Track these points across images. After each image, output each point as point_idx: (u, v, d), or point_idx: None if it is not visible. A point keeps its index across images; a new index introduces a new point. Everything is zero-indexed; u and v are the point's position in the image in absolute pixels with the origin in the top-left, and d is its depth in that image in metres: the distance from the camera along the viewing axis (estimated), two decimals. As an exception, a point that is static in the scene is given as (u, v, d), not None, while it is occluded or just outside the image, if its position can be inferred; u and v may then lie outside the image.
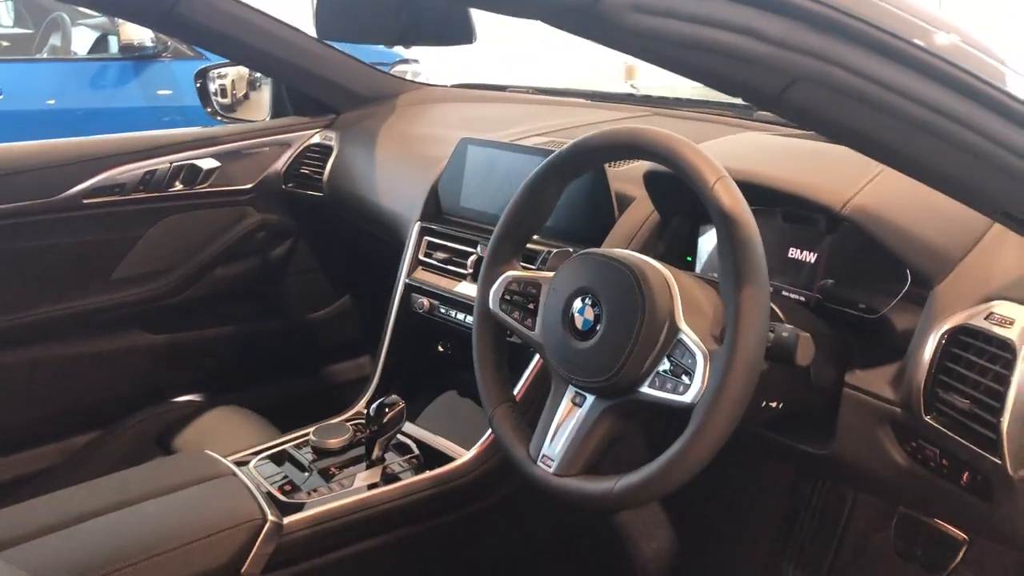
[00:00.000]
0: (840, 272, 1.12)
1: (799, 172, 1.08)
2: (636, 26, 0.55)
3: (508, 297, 1.07)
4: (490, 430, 1.31)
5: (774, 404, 1.02)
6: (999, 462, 0.87)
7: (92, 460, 1.75)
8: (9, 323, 1.74)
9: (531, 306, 1.05)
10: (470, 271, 1.46)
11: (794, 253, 1.16)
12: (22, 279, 1.75)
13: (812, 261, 1.14)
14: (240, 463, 1.30)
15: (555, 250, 1.11)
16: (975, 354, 0.91)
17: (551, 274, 1.05)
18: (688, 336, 0.88)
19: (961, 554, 1.34)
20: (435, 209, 1.59)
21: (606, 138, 0.97)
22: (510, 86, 2.14)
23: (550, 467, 0.98)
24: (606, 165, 1.34)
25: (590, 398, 0.97)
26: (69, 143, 1.82)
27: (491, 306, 1.09)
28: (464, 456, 1.32)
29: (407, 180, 1.73)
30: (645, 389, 0.91)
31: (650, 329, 0.90)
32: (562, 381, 1.00)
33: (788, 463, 1.39)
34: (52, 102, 3.93)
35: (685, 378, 0.87)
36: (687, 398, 0.86)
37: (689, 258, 1.29)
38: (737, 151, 1.26)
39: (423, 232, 1.58)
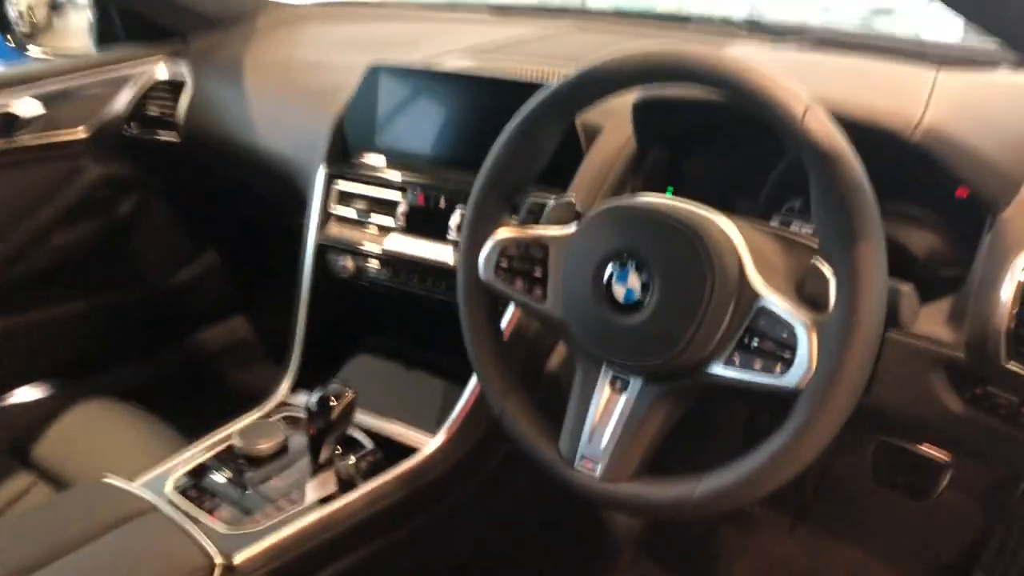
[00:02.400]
0: None
1: (857, 94, 0.92)
2: None
3: (505, 264, 0.87)
4: (458, 407, 1.12)
5: None
6: None
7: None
8: None
9: (538, 273, 0.86)
10: (401, 223, 1.24)
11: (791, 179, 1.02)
12: None
13: None
14: (154, 489, 1.04)
15: (556, 201, 0.91)
16: None
17: (561, 231, 0.85)
18: (775, 303, 0.72)
19: (948, 477, 1.30)
20: (342, 151, 1.34)
21: (642, 62, 0.77)
22: (386, 1, 1.87)
23: (595, 471, 0.80)
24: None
25: (635, 382, 0.80)
26: None
27: (484, 275, 0.88)
28: (430, 444, 1.12)
29: (296, 117, 1.45)
30: (718, 370, 0.74)
31: (721, 296, 0.73)
32: (593, 363, 0.82)
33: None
34: None
35: (782, 353, 0.71)
36: (789, 381, 0.70)
37: (670, 189, 1.13)
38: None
39: (332, 179, 1.32)
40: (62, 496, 1.06)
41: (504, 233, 0.88)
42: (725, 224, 0.76)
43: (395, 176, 1.26)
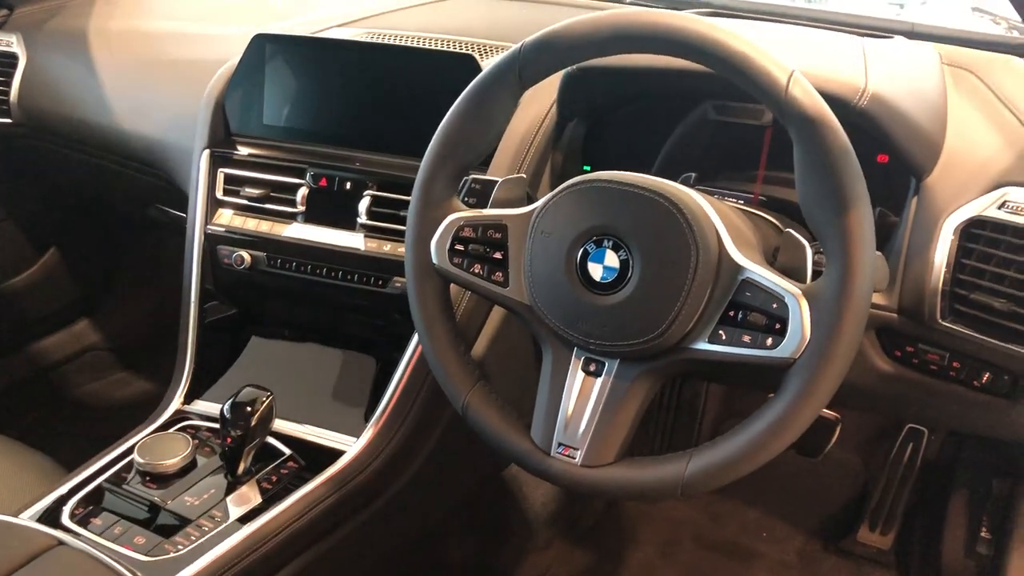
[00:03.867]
0: (786, 169, 1.00)
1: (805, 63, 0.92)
2: None
3: (462, 247, 0.82)
4: (383, 404, 1.05)
5: None
6: None
7: None
8: None
9: (498, 255, 0.81)
10: (301, 208, 1.14)
11: (732, 152, 1.02)
12: None
13: (753, 159, 1.02)
14: (49, 521, 0.91)
15: (502, 179, 0.86)
16: (990, 246, 0.85)
17: (519, 211, 0.81)
18: (761, 274, 0.71)
19: (836, 434, 1.36)
20: (226, 132, 1.22)
21: (619, 27, 0.73)
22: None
23: (575, 458, 0.77)
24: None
25: (611, 364, 0.77)
26: None
27: (436, 261, 0.82)
28: (356, 445, 1.04)
29: (164, 95, 1.32)
30: (702, 346, 0.72)
31: (704, 271, 0.71)
32: (563, 348, 0.78)
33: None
34: None
35: (772, 324, 0.70)
36: (783, 352, 0.69)
37: (587, 167, 1.11)
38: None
39: (216, 162, 1.20)
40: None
41: (457, 215, 0.82)
42: (699, 198, 0.74)
43: (291, 158, 1.16)
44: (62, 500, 0.96)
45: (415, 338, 1.04)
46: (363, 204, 1.10)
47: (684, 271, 0.71)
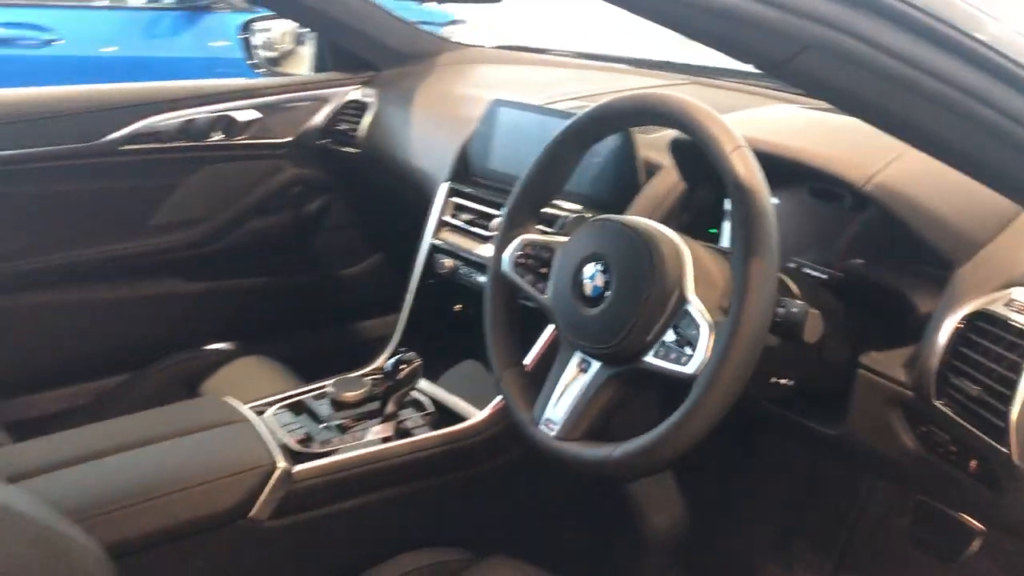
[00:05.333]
0: (866, 252, 1.09)
1: (826, 146, 1.06)
2: None
3: (522, 260, 1.07)
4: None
5: (784, 381, 1.01)
6: (1005, 451, 0.85)
7: (122, 401, 1.80)
8: (44, 264, 1.79)
9: (543, 270, 1.05)
10: (492, 233, 1.46)
11: (820, 230, 1.14)
12: (59, 222, 1.80)
13: (838, 239, 1.12)
14: (258, 411, 1.32)
15: (573, 215, 1.10)
16: (991, 340, 0.89)
17: (566, 239, 1.04)
18: (695, 307, 0.87)
19: (977, 544, 1.32)
20: (463, 170, 1.59)
21: (624, 103, 0.96)
22: (551, 49, 2.12)
23: (552, 431, 0.98)
24: (635, 131, 1.33)
25: (596, 364, 0.97)
26: (109, 89, 1.85)
27: (504, 268, 1.09)
28: (476, 416, 1.32)
29: (439, 140, 1.72)
30: (649, 358, 0.90)
31: (658, 298, 0.89)
32: (569, 346, 1.00)
33: (800, 443, 1.37)
34: (108, 49, 3.98)
35: (688, 349, 0.86)
36: (689, 369, 0.85)
37: (714, 230, 1.28)
38: (766, 123, 1.24)
39: (450, 193, 1.58)
40: (186, 403, 1.37)
41: (525, 236, 1.08)
42: (677, 241, 0.92)
43: (496, 194, 1.49)
44: (278, 401, 1.37)
45: (541, 338, 1.30)
46: None
47: (641, 294, 0.90)
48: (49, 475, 1.09)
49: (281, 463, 1.17)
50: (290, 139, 2.04)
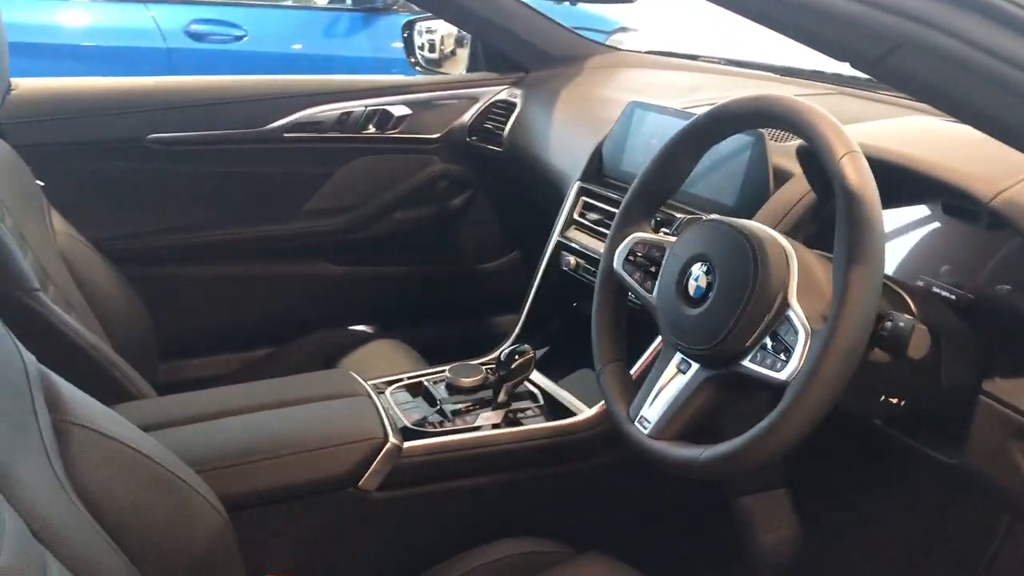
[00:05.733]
0: (999, 274, 1.03)
1: (958, 159, 1.00)
2: None
3: (632, 258, 1.08)
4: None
5: (895, 400, 0.96)
6: None
7: (265, 372, 1.92)
8: (209, 239, 1.94)
9: (653, 269, 1.05)
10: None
11: (952, 249, 1.08)
12: (223, 201, 1.95)
13: (971, 260, 1.06)
14: (379, 389, 1.38)
15: (687, 216, 1.09)
16: None
17: (675, 238, 1.04)
18: (796, 313, 0.85)
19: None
20: (596, 170, 1.60)
21: (739, 105, 0.95)
22: (702, 56, 2.10)
23: (645, 428, 0.98)
24: (768, 137, 1.30)
25: (694, 366, 0.96)
26: (275, 80, 1.99)
27: (615, 265, 1.09)
28: (585, 412, 1.34)
29: (576, 140, 1.75)
30: (746, 363, 0.89)
31: (760, 302, 0.88)
32: (670, 346, 1.00)
33: (922, 471, 1.30)
34: (290, 47, 4.24)
35: (784, 356, 0.85)
36: (782, 375, 0.84)
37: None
38: (901, 133, 1.18)
39: (580, 192, 1.59)
40: (314, 374, 1.45)
41: (637, 235, 1.08)
42: (785, 245, 0.90)
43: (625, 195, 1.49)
44: (398, 380, 1.43)
45: (653, 344, 1.29)
46: None
47: (743, 298, 0.89)
48: (180, 427, 1.19)
49: (392, 439, 1.23)
50: (439, 135, 2.12)
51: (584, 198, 1.58)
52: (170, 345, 1.87)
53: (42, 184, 1.68)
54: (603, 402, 1.31)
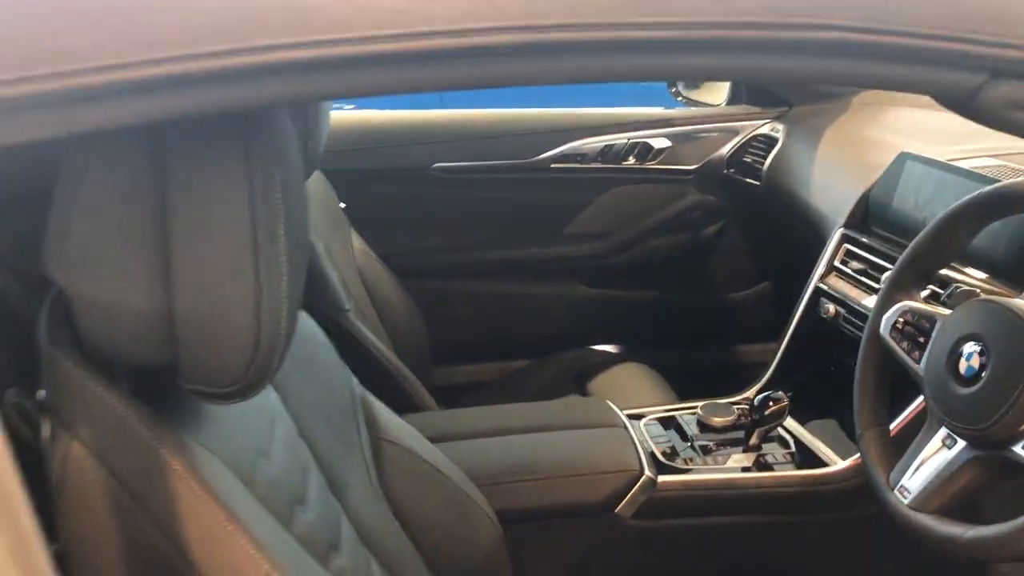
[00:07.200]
0: None
1: None
2: (1011, 121, 0.58)
3: (900, 326, 1.10)
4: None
5: None
6: None
7: (521, 383, 2.08)
8: (481, 258, 2.13)
9: (921, 339, 1.07)
10: (881, 287, 1.46)
11: None
12: (493, 224, 2.13)
13: None
14: (633, 417, 1.48)
15: (962, 287, 1.10)
16: None
17: (948, 312, 1.05)
18: None
19: None
20: (861, 217, 1.60)
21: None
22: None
23: (905, 498, 1.00)
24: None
25: (960, 443, 0.97)
26: (544, 114, 2.14)
27: (882, 331, 1.12)
28: (838, 465, 1.36)
29: (840, 183, 1.75)
30: (1018, 449, 0.90)
31: None
32: (936, 420, 1.01)
33: None
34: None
35: (1063, 448, 0.85)
36: None
37: None
38: None
39: (844, 239, 1.60)
40: (575, 400, 1.58)
41: (907, 303, 1.10)
42: None
43: (891, 247, 1.49)
44: (652, 411, 1.52)
45: (910, 406, 1.29)
46: None
47: (1018, 383, 0.89)
48: (461, 442, 1.35)
49: (647, 472, 1.32)
50: (696, 166, 2.18)
51: (847, 245, 1.59)
52: (440, 352, 2.08)
53: (343, 206, 1.93)
54: (857, 455, 1.34)
